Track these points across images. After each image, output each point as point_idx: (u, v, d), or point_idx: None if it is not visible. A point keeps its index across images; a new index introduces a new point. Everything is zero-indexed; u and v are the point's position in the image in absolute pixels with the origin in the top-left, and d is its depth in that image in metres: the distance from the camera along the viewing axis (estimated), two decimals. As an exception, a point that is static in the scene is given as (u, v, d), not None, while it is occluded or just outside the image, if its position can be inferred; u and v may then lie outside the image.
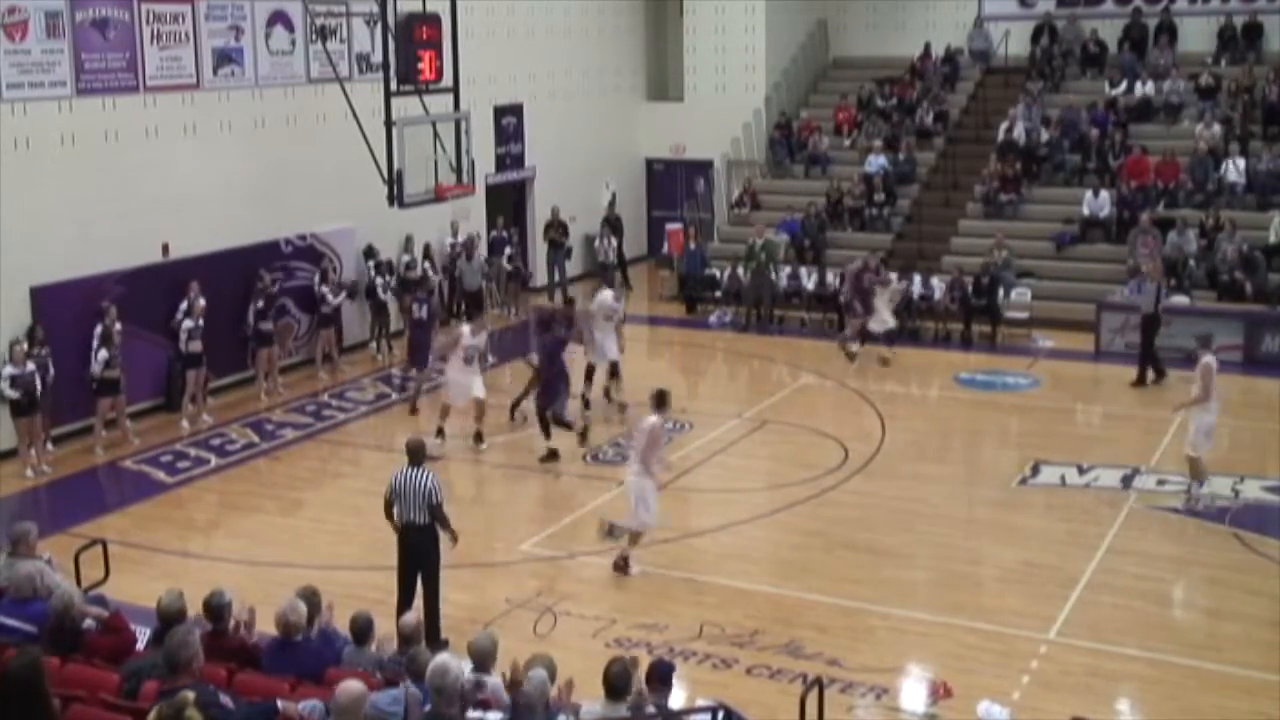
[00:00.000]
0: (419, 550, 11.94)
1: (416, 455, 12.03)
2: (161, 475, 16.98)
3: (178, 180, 19.49)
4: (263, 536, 14.92)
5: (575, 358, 18.56)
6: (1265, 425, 18.70)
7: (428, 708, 7.35)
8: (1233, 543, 14.28)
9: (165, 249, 19.40)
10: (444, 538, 11.96)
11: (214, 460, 17.50)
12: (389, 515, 12.13)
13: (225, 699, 7.28)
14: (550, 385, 17.19)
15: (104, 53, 18.53)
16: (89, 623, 8.81)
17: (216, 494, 16.55)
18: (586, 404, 18.94)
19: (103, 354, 17.39)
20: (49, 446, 17.35)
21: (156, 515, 15.69)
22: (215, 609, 8.85)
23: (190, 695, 6.67)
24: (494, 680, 8.32)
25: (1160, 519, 15.00)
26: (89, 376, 17.55)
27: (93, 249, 18.10)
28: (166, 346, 18.97)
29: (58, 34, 17.82)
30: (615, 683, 8.00)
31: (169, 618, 8.40)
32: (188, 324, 18.46)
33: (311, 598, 9.03)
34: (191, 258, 19.52)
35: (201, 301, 18.66)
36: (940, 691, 11.08)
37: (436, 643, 11.51)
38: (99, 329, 17.51)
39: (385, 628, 9.19)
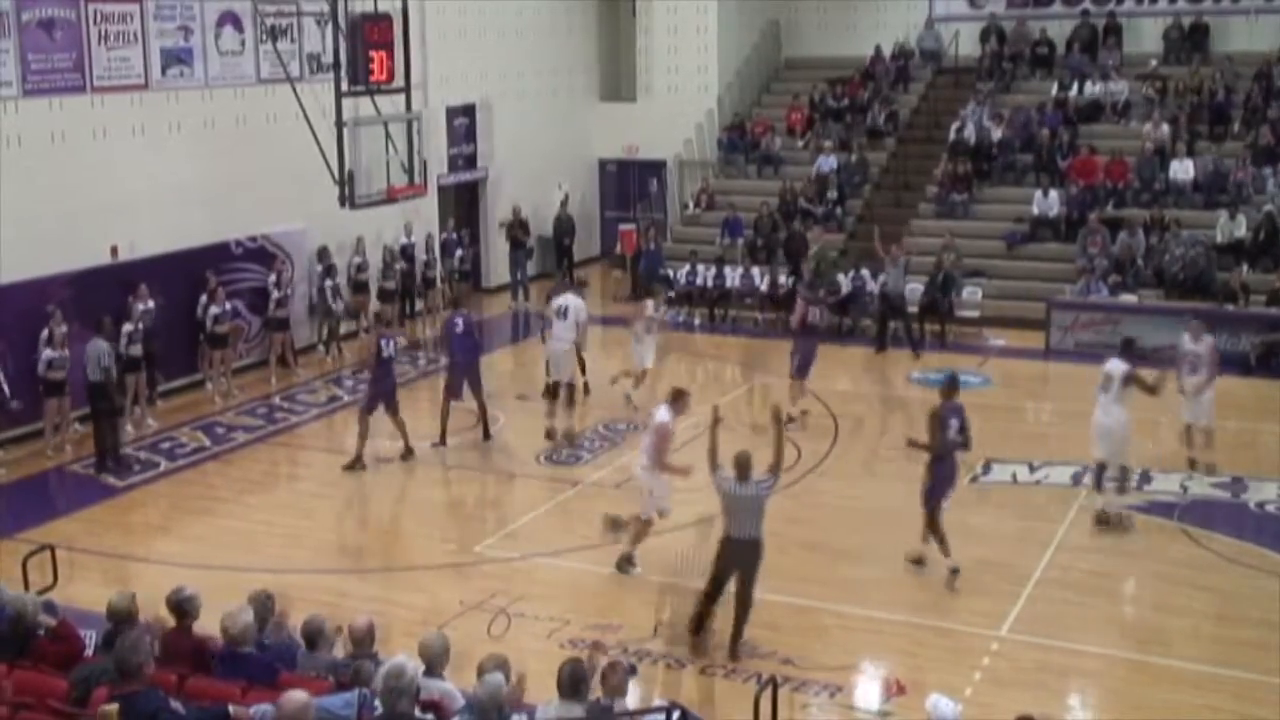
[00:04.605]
0: (743, 563, 11.60)
1: (746, 468, 11.60)
2: (111, 479, 16.81)
3: (126, 182, 19.30)
4: (214, 540, 14.79)
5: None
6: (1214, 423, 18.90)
7: (377, 711, 7.32)
8: (1181, 538, 14.42)
9: (114, 251, 19.23)
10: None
11: (164, 464, 17.35)
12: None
13: (176, 705, 7.22)
14: None
15: (50, 53, 18.34)
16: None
17: (167, 498, 16.39)
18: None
19: (47, 353, 17.17)
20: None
21: (106, 520, 15.54)
22: (179, 605, 8.78)
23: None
24: (446, 685, 8.28)
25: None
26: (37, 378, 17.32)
27: (40, 251, 17.86)
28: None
29: (3, 34, 17.61)
30: (570, 683, 7.98)
31: (119, 618, 8.32)
32: (127, 327, 18.26)
33: (265, 602, 8.97)
34: (140, 259, 19.36)
35: (139, 306, 18.51)
36: (893, 689, 11.15)
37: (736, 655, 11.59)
38: (45, 332, 17.30)
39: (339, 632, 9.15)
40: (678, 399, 13.68)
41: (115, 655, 7.29)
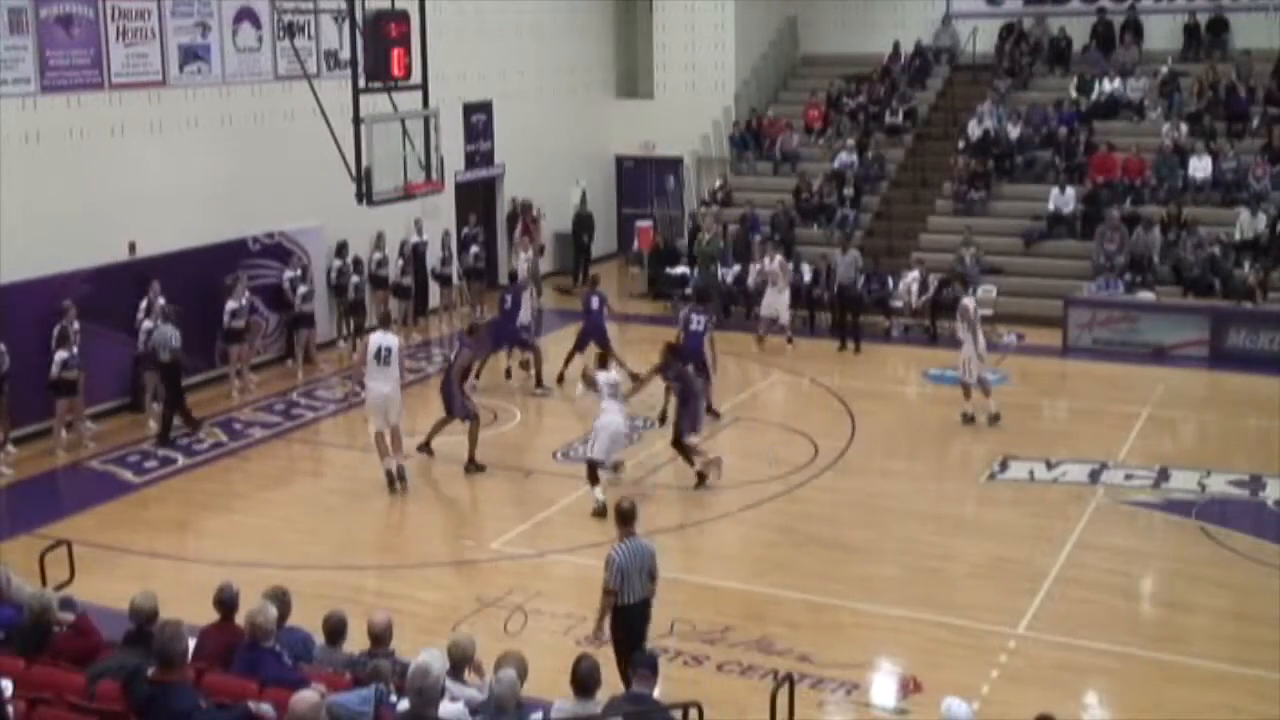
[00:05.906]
0: (640, 627, 10.44)
1: (629, 519, 10.50)
2: (128, 475, 16.84)
3: (144, 178, 19.36)
4: (231, 536, 14.81)
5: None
6: (1231, 420, 18.83)
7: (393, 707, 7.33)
8: (1199, 536, 14.37)
9: (132, 247, 19.28)
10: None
11: (181, 459, 17.38)
12: (609, 603, 10.35)
13: (202, 701, 7.23)
14: None
15: (68, 49, 18.40)
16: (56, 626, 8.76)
17: (184, 494, 16.40)
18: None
19: (60, 354, 17.15)
20: (10, 448, 17.17)
21: (123, 515, 15.57)
22: (226, 602, 8.84)
23: None
24: (470, 691, 8.27)
25: (1127, 513, 15.08)
26: (48, 377, 17.28)
27: (57, 248, 17.91)
28: (131, 346, 18.76)
29: (21, 30, 17.68)
30: (584, 680, 7.98)
31: (142, 618, 8.33)
32: (147, 324, 18.31)
33: (281, 599, 8.98)
34: (158, 256, 19.39)
35: (161, 301, 18.53)
36: (910, 687, 11.12)
37: None
38: (57, 329, 17.29)
39: (357, 628, 9.16)
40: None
41: (156, 644, 7.28)
